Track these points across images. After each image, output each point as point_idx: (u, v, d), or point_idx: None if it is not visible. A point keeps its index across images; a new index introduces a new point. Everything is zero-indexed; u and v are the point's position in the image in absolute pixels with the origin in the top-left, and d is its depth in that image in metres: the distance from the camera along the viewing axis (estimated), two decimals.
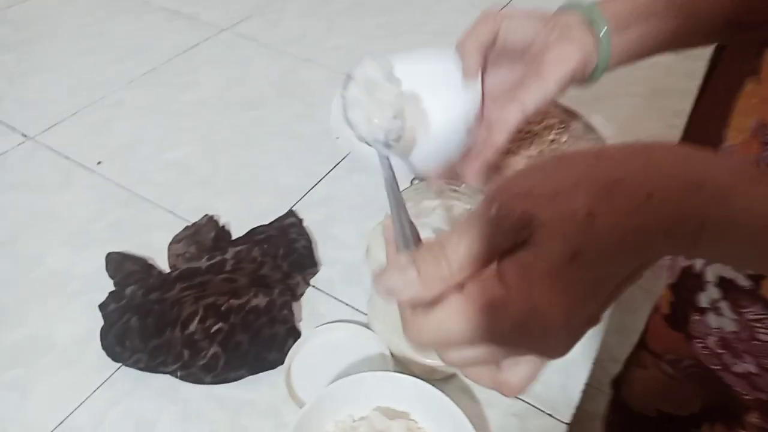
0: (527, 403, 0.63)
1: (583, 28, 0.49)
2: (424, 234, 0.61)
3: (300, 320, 0.68)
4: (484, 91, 0.51)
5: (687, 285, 0.67)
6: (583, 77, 0.50)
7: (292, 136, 0.94)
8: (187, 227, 0.75)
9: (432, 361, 0.61)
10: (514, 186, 0.29)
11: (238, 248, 0.69)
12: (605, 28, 0.48)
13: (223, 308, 0.63)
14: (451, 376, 0.63)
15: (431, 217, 0.61)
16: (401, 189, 0.41)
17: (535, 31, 0.49)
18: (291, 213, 0.78)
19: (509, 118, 0.49)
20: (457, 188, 0.58)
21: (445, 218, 0.60)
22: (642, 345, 0.81)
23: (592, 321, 0.29)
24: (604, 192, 0.27)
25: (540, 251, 0.27)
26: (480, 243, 0.27)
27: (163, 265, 0.73)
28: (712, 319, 0.64)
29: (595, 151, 0.29)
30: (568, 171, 0.28)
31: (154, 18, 1.21)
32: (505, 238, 0.27)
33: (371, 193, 0.84)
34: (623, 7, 0.50)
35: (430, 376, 0.63)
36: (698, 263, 0.65)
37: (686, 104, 1.01)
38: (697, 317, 0.66)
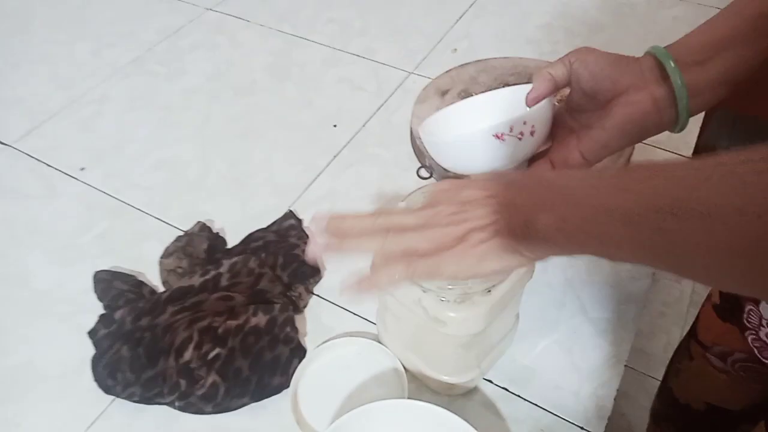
0: (556, 415, 0.57)
1: (656, 73, 0.47)
2: None
3: (305, 335, 0.63)
4: (558, 130, 0.53)
5: None
6: (661, 123, 0.49)
7: (288, 126, 0.87)
8: (178, 238, 0.69)
9: (449, 377, 0.55)
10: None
11: (234, 260, 0.64)
12: (672, 65, 0.46)
13: (219, 331, 0.58)
14: (471, 391, 0.58)
15: None
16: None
17: (607, 69, 0.48)
18: (290, 214, 0.72)
19: (569, 165, 0.51)
20: None
21: None
22: (691, 335, 0.77)
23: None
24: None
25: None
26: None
27: (155, 279, 0.68)
28: (766, 310, 0.59)
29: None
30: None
31: (133, 1, 1.13)
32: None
33: (375, 184, 0.78)
34: (698, 41, 0.48)
35: (447, 392, 0.58)
36: None
37: None
38: (751, 307, 0.61)
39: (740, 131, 2.04)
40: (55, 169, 0.82)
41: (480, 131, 0.49)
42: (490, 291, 0.49)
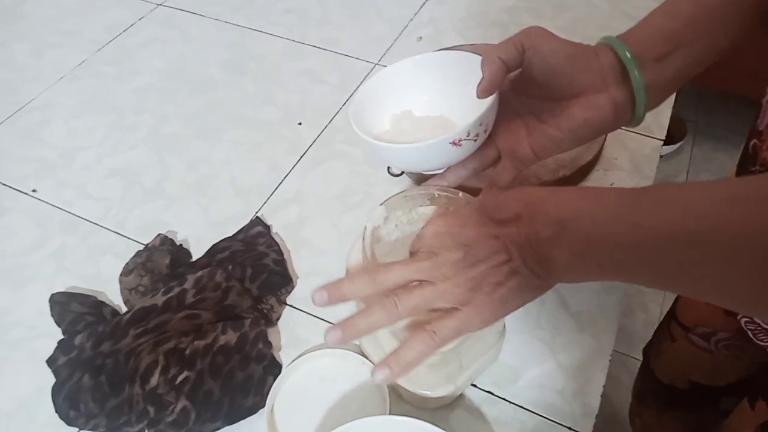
0: (542, 416, 0.56)
1: (616, 74, 0.44)
2: None
3: (279, 349, 0.60)
4: (506, 115, 0.49)
5: None
6: (618, 124, 0.46)
7: (249, 124, 0.83)
8: (138, 253, 0.65)
9: (424, 391, 0.53)
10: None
11: (199, 274, 0.60)
12: (637, 73, 0.43)
13: (187, 352, 0.55)
14: (448, 405, 0.56)
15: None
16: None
17: (564, 64, 0.44)
18: (257, 220, 0.69)
19: (518, 158, 0.49)
20: (454, 195, 0.50)
21: None
22: (671, 317, 0.76)
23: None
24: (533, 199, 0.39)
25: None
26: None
27: (116, 298, 0.64)
28: None
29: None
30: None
31: None
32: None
33: (345, 181, 0.75)
34: (656, 33, 0.45)
35: (424, 405, 0.56)
36: None
37: None
38: None
39: (705, 104, 2.06)
40: (1, 183, 0.77)
41: (436, 143, 0.46)
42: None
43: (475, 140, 0.47)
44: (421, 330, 0.39)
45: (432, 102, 0.53)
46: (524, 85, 0.47)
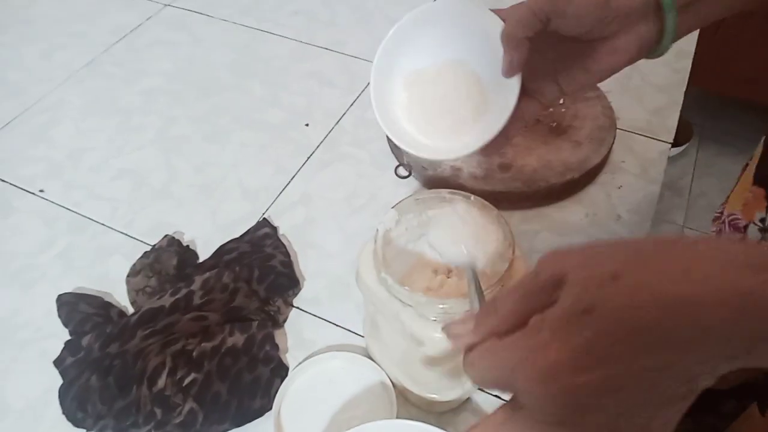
0: None
1: (647, 12, 0.43)
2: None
3: (286, 351, 0.60)
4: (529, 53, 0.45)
5: None
6: (640, 58, 0.45)
7: (256, 126, 0.83)
8: (145, 254, 0.65)
9: (431, 394, 0.53)
10: (559, 253, 0.30)
11: (206, 275, 0.60)
12: (672, 14, 0.42)
13: (194, 354, 0.55)
14: (455, 408, 0.56)
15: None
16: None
17: (593, 21, 0.42)
18: (264, 222, 0.69)
19: (545, 93, 0.48)
20: (465, 199, 0.50)
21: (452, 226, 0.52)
22: None
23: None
24: (638, 260, 0.27)
25: (560, 303, 0.28)
26: (520, 300, 0.31)
27: (123, 299, 0.64)
28: None
29: (644, 238, 0.30)
30: (611, 246, 0.29)
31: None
32: (540, 296, 0.30)
33: (352, 183, 0.75)
34: None
35: (430, 408, 0.56)
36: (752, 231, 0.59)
37: (690, 45, 0.91)
38: None
39: (710, 108, 2.06)
40: (9, 183, 0.77)
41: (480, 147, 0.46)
42: None
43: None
44: None
45: (446, 54, 0.49)
46: (546, 41, 0.44)
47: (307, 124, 0.82)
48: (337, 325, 0.62)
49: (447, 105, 0.49)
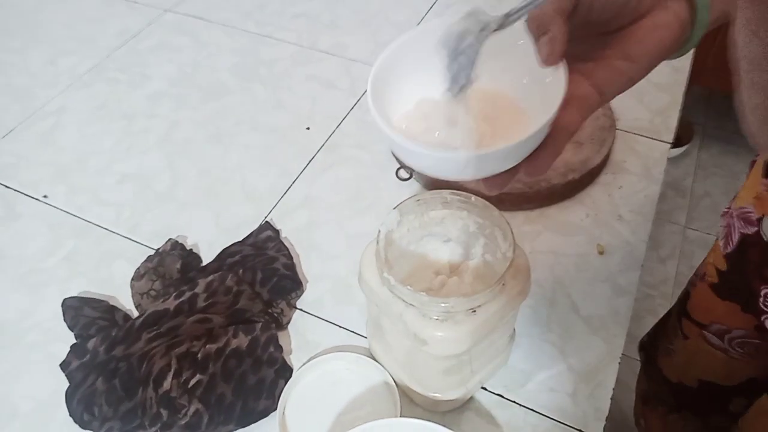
0: (553, 419, 0.56)
1: None
2: (432, 244, 0.53)
3: (290, 353, 0.60)
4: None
5: (749, 254, 0.62)
6: (679, 47, 0.40)
7: (259, 129, 0.84)
8: (149, 257, 0.66)
9: (434, 394, 0.53)
10: None
11: (209, 278, 0.61)
12: None
13: (199, 356, 0.55)
14: (459, 408, 0.56)
15: (439, 227, 0.52)
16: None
17: None
18: (267, 225, 0.69)
19: (584, 103, 0.38)
20: (466, 200, 0.50)
21: (455, 228, 0.52)
22: (682, 314, 0.76)
23: None
24: None
25: None
26: None
27: (128, 302, 0.65)
28: None
29: None
30: None
31: (89, 4, 1.08)
32: None
33: (354, 186, 0.75)
34: None
35: (434, 408, 0.56)
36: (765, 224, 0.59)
37: None
38: (767, 290, 0.60)
39: (712, 107, 2.05)
40: (14, 190, 0.78)
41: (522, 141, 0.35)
42: (475, 311, 0.46)
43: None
44: None
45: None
46: (578, 29, 0.39)
47: (308, 128, 0.83)
48: (340, 327, 0.62)
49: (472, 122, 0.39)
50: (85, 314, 0.61)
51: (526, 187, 0.69)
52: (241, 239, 0.68)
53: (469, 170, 0.35)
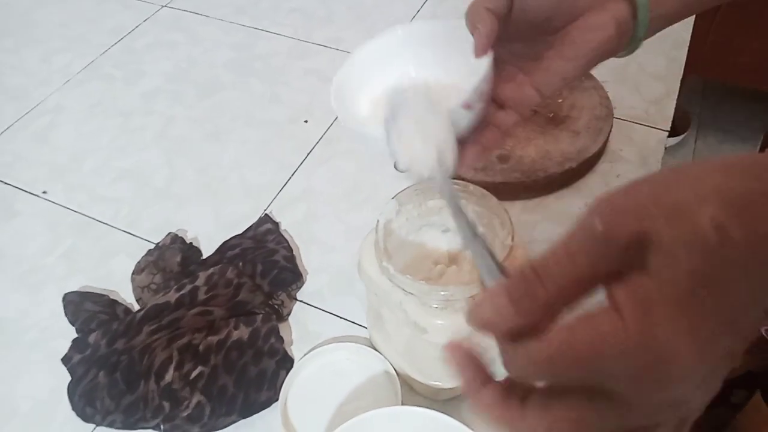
0: None
1: None
2: (431, 234, 0.54)
3: (291, 344, 0.60)
4: (495, 64, 0.41)
5: None
6: (618, 49, 0.41)
7: (256, 123, 0.84)
8: (149, 251, 0.66)
9: (435, 382, 0.54)
10: (622, 200, 0.24)
11: (210, 271, 0.61)
12: None
13: (200, 348, 0.55)
14: (460, 396, 0.57)
15: (437, 216, 0.53)
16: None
17: None
18: (266, 218, 0.70)
19: (523, 102, 0.41)
20: (464, 189, 0.50)
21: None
22: None
23: (732, 357, 0.24)
24: (739, 203, 0.22)
25: (661, 277, 0.22)
26: (582, 264, 0.24)
27: (128, 296, 0.65)
28: None
29: (721, 162, 0.24)
30: (690, 183, 0.23)
31: (84, 2, 1.07)
32: (612, 260, 0.23)
33: (352, 178, 0.75)
34: None
35: (435, 396, 0.56)
36: None
37: (686, 33, 0.91)
38: None
39: (708, 96, 2.06)
40: (12, 186, 0.78)
41: (456, 107, 0.40)
42: (474, 299, 0.46)
43: (484, 100, 0.41)
44: None
45: (418, 76, 0.46)
46: (515, 29, 0.42)
47: (306, 121, 0.83)
48: (340, 318, 0.62)
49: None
50: (85, 309, 0.61)
51: (524, 176, 0.70)
52: (240, 232, 0.68)
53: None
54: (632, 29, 0.41)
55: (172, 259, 0.64)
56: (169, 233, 0.68)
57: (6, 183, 0.78)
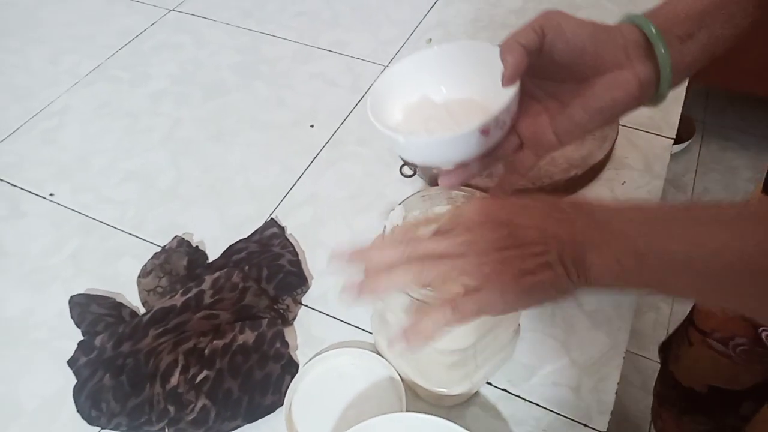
0: (557, 413, 0.56)
1: (640, 50, 0.43)
2: None
3: (296, 349, 0.61)
4: (522, 99, 0.45)
5: None
6: (640, 105, 0.44)
7: (262, 126, 0.84)
8: (156, 254, 0.66)
9: (440, 389, 0.54)
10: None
11: (216, 275, 0.61)
12: (663, 49, 0.42)
13: (206, 352, 0.55)
14: (464, 402, 0.57)
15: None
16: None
17: (587, 43, 0.42)
18: (272, 222, 0.70)
19: (542, 145, 0.45)
20: (471, 195, 0.50)
21: None
22: (689, 322, 0.76)
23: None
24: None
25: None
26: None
27: (134, 299, 0.65)
28: None
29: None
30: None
31: (92, 4, 1.08)
32: None
33: (358, 182, 0.76)
34: (683, 12, 0.44)
35: (439, 402, 0.56)
36: None
37: None
38: None
39: (713, 104, 2.06)
40: (19, 187, 0.78)
41: (465, 133, 0.42)
42: None
43: (502, 129, 0.44)
44: (442, 302, 0.38)
45: (450, 93, 0.49)
46: (544, 69, 0.44)
47: (312, 125, 0.83)
48: (345, 323, 0.62)
49: (447, 122, 0.48)
50: (91, 311, 0.61)
51: (529, 183, 0.70)
52: (246, 236, 0.68)
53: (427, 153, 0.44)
54: (656, 87, 0.43)
55: (179, 263, 0.64)
56: (176, 236, 0.68)
57: (13, 184, 0.78)
